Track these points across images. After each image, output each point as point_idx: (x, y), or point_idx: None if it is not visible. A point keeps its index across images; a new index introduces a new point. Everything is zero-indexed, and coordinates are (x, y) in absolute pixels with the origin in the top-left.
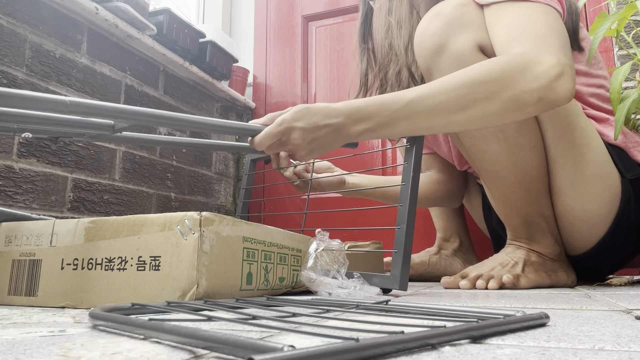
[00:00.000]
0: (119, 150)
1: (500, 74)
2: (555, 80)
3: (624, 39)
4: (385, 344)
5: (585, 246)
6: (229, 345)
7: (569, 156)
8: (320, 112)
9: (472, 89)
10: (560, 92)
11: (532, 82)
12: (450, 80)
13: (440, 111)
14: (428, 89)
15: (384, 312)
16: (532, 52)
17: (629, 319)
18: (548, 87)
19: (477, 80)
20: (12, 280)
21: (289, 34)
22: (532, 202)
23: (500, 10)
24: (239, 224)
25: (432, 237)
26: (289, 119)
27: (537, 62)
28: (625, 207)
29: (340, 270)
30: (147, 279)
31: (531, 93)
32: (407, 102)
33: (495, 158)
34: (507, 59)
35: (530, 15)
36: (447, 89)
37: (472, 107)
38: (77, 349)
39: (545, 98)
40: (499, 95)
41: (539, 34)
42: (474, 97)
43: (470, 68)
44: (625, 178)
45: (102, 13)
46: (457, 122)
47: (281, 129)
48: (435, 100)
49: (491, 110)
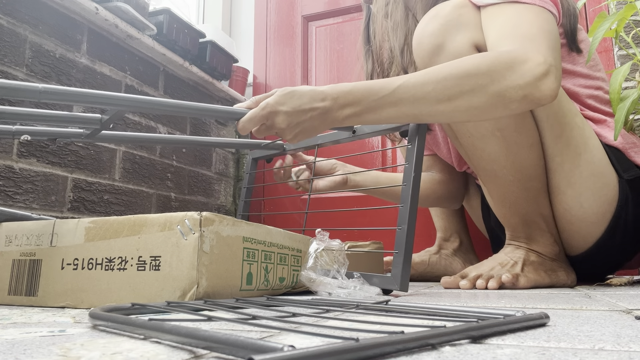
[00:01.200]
0: (119, 150)
1: (487, 68)
2: (540, 78)
3: (623, 39)
4: (385, 344)
5: (584, 246)
6: (229, 345)
7: (566, 155)
8: (305, 95)
9: (459, 80)
10: (545, 90)
11: (518, 78)
12: (438, 71)
13: (426, 100)
14: (416, 78)
15: (383, 312)
16: (520, 49)
17: (629, 319)
18: (533, 84)
19: (465, 72)
20: (13, 280)
21: (289, 34)
22: (530, 201)
23: (496, 11)
24: (239, 224)
25: (431, 237)
26: (272, 103)
27: (523, 60)
28: (623, 207)
29: (340, 270)
30: (147, 279)
31: (516, 89)
32: (394, 88)
33: (494, 157)
34: (495, 55)
35: (523, 16)
36: (435, 78)
37: (458, 98)
38: (77, 349)
39: (530, 96)
40: (485, 88)
41: (529, 34)
42: (460, 88)
43: (459, 60)
44: (622, 178)
45: (102, 13)
46: (441, 112)
47: (264, 113)
48: (422, 89)
49: (476, 103)
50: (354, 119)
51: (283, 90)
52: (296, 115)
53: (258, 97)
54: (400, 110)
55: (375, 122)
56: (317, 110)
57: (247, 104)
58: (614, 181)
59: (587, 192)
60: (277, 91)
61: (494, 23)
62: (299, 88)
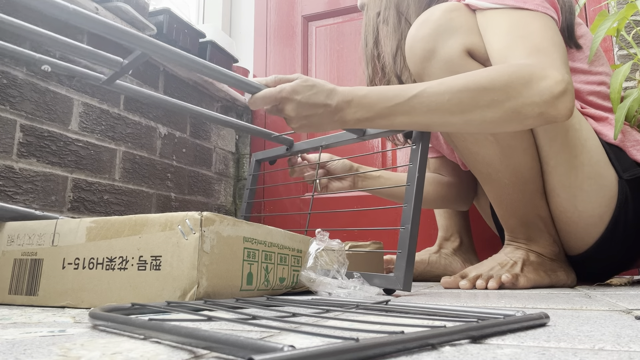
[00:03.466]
0: (119, 150)
1: (504, 84)
2: (558, 97)
3: (624, 38)
4: (385, 344)
5: (583, 246)
6: (229, 345)
7: (561, 158)
8: (323, 91)
9: (474, 93)
10: (561, 109)
11: (535, 95)
12: (454, 82)
13: (440, 111)
14: (432, 88)
15: (383, 312)
16: (537, 65)
17: (629, 319)
18: (550, 103)
19: (481, 86)
20: (14, 280)
21: (289, 34)
22: (527, 204)
23: (498, 17)
24: (239, 224)
25: (432, 237)
26: (289, 89)
27: (542, 77)
28: (622, 208)
29: (340, 270)
30: (147, 279)
31: (532, 106)
32: (409, 97)
33: (488, 160)
34: (513, 69)
35: (530, 25)
36: (450, 90)
37: (472, 112)
38: (77, 349)
39: (546, 113)
40: (501, 104)
41: (541, 47)
42: (475, 102)
43: (476, 73)
44: (622, 178)
45: (102, 13)
46: (454, 124)
47: (278, 97)
48: (437, 99)
49: (490, 118)
50: (365, 123)
51: (304, 81)
52: (307, 108)
53: (279, 77)
54: (413, 119)
55: (386, 128)
56: (329, 108)
57: (266, 81)
58: (613, 182)
59: (583, 195)
60: (299, 78)
61: (497, 29)
62: (319, 82)
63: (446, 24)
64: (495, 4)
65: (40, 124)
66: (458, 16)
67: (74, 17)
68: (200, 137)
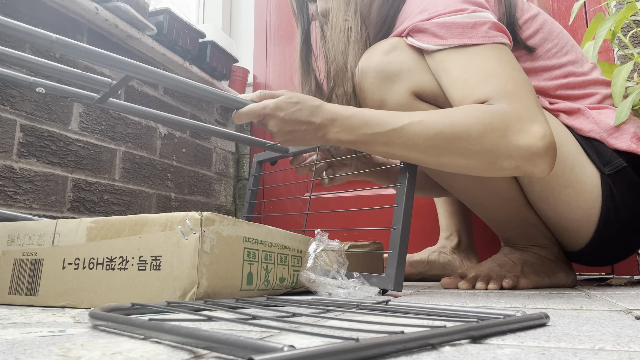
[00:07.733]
0: (119, 150)
1: (479, 134)
2: (540, 156)
3: (621, 40)
4: (385, 344)
5: (581, 243)
6: (229, 345)
7: None
8: (307, 108)
9: (448, 142)
10: (540, 167)
11: (512, 150)
12: (431, 125)
13: (415, 151)
14: (410, 127)
15: (383, 312)
16: (511, 114)
17: (629, 319)
18: (528, 159)
19: (456, 135)
20: (14, 280)
21: (289, 34)
22: (514, 218)
23: (447, 60)
24: (239, 224)
25: (432, 237)
26: (272, 106)
27: (518, 130)
28: (609, 204)
29: (340, 270)
30: (147, 279)
31: (509, 160)
32: (388, 130)
33: (465, 188)
34: (487, 118)
35: (483, 63)
36: (426, 133)
37: (446, 157)
38: (77, 349)
39: (523, 167)
40: (476, 154)
41: (507, 90)
42: (449, 149)
43: (453, 116)
44: (604, 174)
45: (102, 13)
46: (428, 164)
47: (261, 113)
48: (413, 138)
49: (464, 165)
50: (347, 144)
51: (289, 98)
52: (290, 124)
53: (264, 93)
54: (390, 151)
55: (370, 153)
56: (312, 125)
57: (252, 96)
58: (594, 182)
59: (563, 205)
60: (283, 94)
61: (451, 75)
62: (304, 99)
63: (386, 69)
64: (440, 45)
65: (40, 124)
66: (397, 57)
67: (57, 46)
68: (200, 137)
